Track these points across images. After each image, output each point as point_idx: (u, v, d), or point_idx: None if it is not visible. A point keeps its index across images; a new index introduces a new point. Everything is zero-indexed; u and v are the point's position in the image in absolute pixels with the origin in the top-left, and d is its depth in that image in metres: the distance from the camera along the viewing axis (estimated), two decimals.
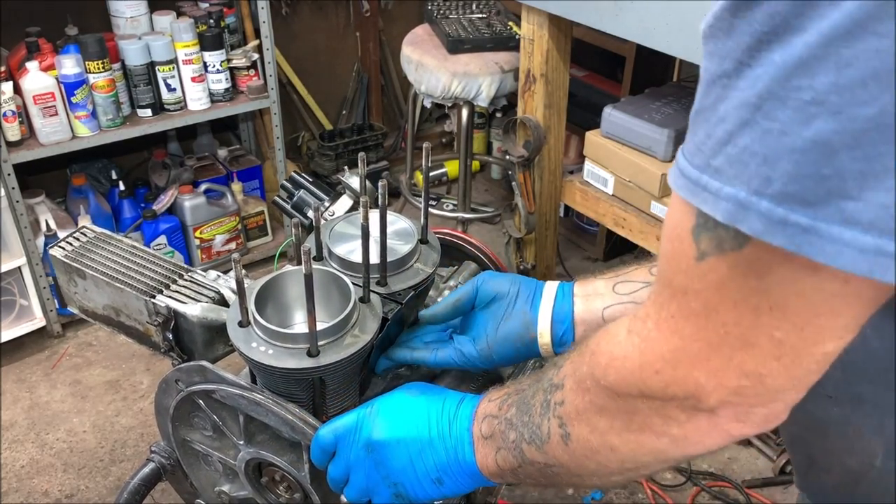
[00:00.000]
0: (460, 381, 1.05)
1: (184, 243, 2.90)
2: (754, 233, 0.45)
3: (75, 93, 2.45)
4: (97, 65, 2.47)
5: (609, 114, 2.15)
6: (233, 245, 3.01)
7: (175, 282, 1.08)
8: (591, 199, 2.27)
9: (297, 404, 0.90)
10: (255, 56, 2.82)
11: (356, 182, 1.22)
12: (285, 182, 1.24)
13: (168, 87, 2.66)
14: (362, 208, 0.88)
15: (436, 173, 3.49)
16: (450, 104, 2.64)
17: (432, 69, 2.44)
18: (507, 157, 2.40)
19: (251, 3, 2.86)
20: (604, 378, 0.62)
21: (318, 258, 1.02)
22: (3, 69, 2.41)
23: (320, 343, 0.87)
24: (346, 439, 0.86)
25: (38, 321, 2.65)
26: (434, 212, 2.84)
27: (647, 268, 0.89)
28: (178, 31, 2.62)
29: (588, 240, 3.19)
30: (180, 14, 2.73)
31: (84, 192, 2.75)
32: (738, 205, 0.45)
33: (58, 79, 2.44)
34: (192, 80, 2.68)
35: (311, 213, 1.17)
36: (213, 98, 2.76)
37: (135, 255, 1.13)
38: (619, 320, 0.63)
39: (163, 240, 2.83)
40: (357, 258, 0.98)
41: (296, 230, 0.95)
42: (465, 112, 2.55)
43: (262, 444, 0.97)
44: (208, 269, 1.12)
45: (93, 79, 2.48)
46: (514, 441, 0.74)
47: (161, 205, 2.82)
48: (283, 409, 0.89)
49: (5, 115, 2.39)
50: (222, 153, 3.18)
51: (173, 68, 2.64)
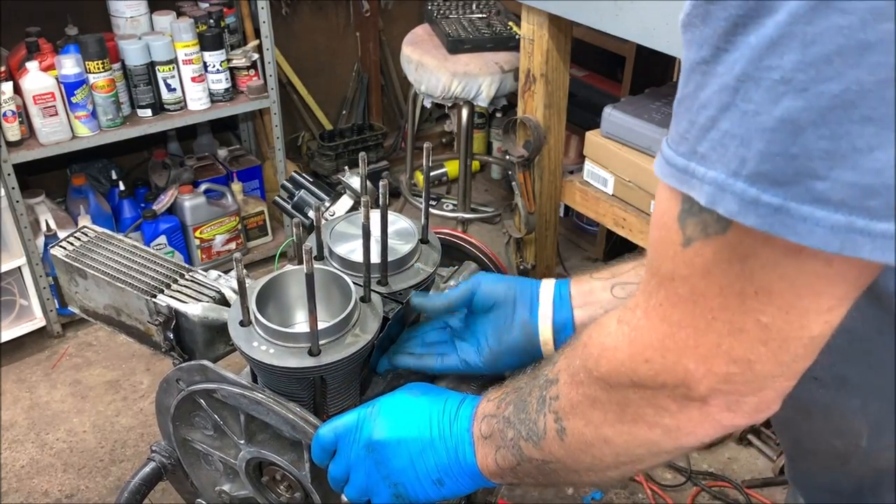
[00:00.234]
0: (461, 381, 1.05)
1: (184, 243, 2.90)
2: (730, 214, 0.45)
3: (75, 93, 2.45)
4: (97, 65, 2.47)
5: (609, 114, 2.15)
6: (233, 245, 3.01)
7: (176, 281, 1.08)
8: (591, 199, 2.27)
9: (298, 403, 0.90)
10: (255, 56, 2.82)
11: (356, 182, 1.22)
12: (286, 182, 1.24)
13: (168, 87, 2.66)
14: (363, 208, 0.88)
15: (436, 173, 3.50)
16: (450, 104, 2.64)
17: (432, 69, 2.44)
18: (507, 157, 2.40)
19: (251, 3, 2.86)
20: (596, 369, 0.63)
21: (319, 258, 1.02)
22: (3, 69, 2.41)
23: (321, 342, 0.87)
24: (346, 438, 0.86)
25: (38, 321, 2.65)
26: (434, 212, 2.84)
27: (642, 266, 0.87)
28: (178, 31, 2.62)
29: (588, 240, 3.19)
30: (180, 14, 2.73)
31: (84, 192, 2.75)
32: (717, 187, 0.46)
33: (58, 79, 2.45)
34: (192, 80, 2.68)
35: (311, 213, 1.17)
36: (213, 98, 2.76)
37: (136, 255, 1.12)
38: (611, 312, 0.64)
39: (163, 240, 2.83)
40: (358, 258, 0.98)
41: (297, 230, 0.95)
42: (465, 112, 2.55)
43: (262, 443, 0.97)
44: (209, 269, 1.12)
45: (93, 79, 2.48)
46: (513, 439, 0.74)
47: (161, 205, 2.82)
48: (284, 408, 0.89)
49: (5, 115, 2.39)
50: (222, 153, 3.18)
51: (173, 68, 2.64)
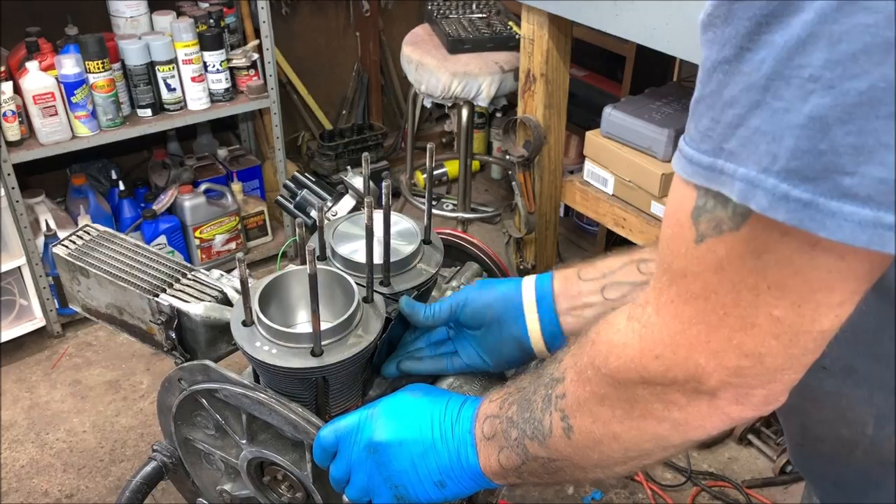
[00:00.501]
0: (463, 381, 1.05)
1: (183, 243, 2.90)
2: (761, 209, 0.46)
3: (75, 93, 2.45)
4: (97, 65, 2.47)
5: (609, 114, 2.15)
6: (233, 245, 3.01)
7: (178, 281, 1.08)
8: (591, 199, 2.27)
9: (300, 404, 0.90)
10: (255, 56, 2.82)
11: (359, 182, 1.22)
12: (288, 182, 1.24)
13: (168, 87, 2.66)
14: (367, 208, 0.88)
15: (436, 173, 3.49)
16: (450, 104, 2.64)
17: (432, 69, 2.44)
18: (507, 157, 2.40)
19: (251, 3, 2.86)
20: (605, 366, 0.63)
21: (322, 258, 1.02)
22: (3, 69, 2.41)
23: (324, 343, 0.87)
24: (347, 439, 0.86)
25: (38, 321, 2.65)
26: (434, 212, 2.83)
27: (634, 264, 0.87)
28: (178, 31, 2.62)
29: (588, 240, 3.20)
30: (180, 14, 2.73)
31: (84, 192, 2.75)
32: (748, 183, 0.46)
33: (58, 79, 2.44)
34: (192, 79, 2.68)
35: (314, 213, 1.17)
36: (213, 98, 2.76)
37: (138, 254, 1.12)
38: (620, 309, 0.64)
39: (162, 240, 2.83)
40: (360, 258, 0.98)
41: (299, 230, 0.95)
42: (465, 112, 2.55)
43: (264, 443, 0.97)
44: (212, 269, 1.12)
45: (93, 79, 2.48)
46: (517, 439, 0.74)
47: (161, 205, 2.82)
48: (286, 408, 0.89)
49: (5, 115, 2.38)
50: (222, 153, 3.18)
51: (173, 68, 2.64)
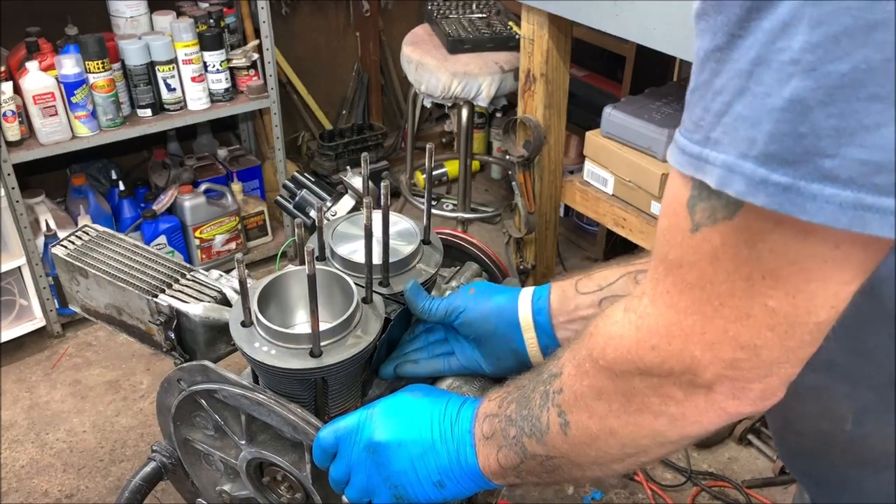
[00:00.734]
0: (462, 382, 1.05)
1: (183, 243, 2.90)
2: (738, 194, 0.46)
3: (75, 93, 2.45)
4: (97, 65, 2.47)
5: (609, 114, 2.15)
6: (233, 245, 3.01)
7: (177, 281, 1.08)
8: (591, 199, 2.27)
9: (299, 404, 0.90)
10: (255, 56, 2.82)
11: (358, 182, 1.22)
12: (287, 182, 1.24)
13: (168, 87, 2.66)
14: (366, 209, 0.88)
15: (436, 173, 3.50)
16: (450, 104, 2.64)
17: (432, 69, 2.44)
18: (507, 157, 2.40)
19: (251, 3, 2.86)
20: (602, 358, 0.63)
21: (321, 258, 1.02)
22: (3, 69, 2.41)
23: (323, 343, 0.86)
24: (347, 440, 0.86)
25: (38, 321, 2.65)
26: (434, 212, 2.83)
27: (632, 276, 0.87)
28: (177, 31, 2.62)
29: (588, 240, 3.19)
30: (180, 14, 2.73)
31: (84, 192, 2.75)
32: (726, 169, 0.46)
33: (58, 79, 2.44)
34: (192, 80, 2.68)
35: (313, 213, 1.17)
36: (213, 98, 2.76)
37: (137, 255, 1.12)
38: (618, 302, 0.64)
39: (162, 240, 2.83)
40: (360, 258, 0.98)
41: (298, 230, 0.95)
42: (465, 112, 2.55)
43: (263, 444, 0.97)
44: (211, 269, 1.12)
45: (93, 79, 2.48)
46: (515, 437, 0.74)
47: (161, 205, 2.82)
48: (286, 409, 0.89)
49: (5, 115, 2.38)
50: (222, 153, 3.18)
51: (173, 68, 2.64)
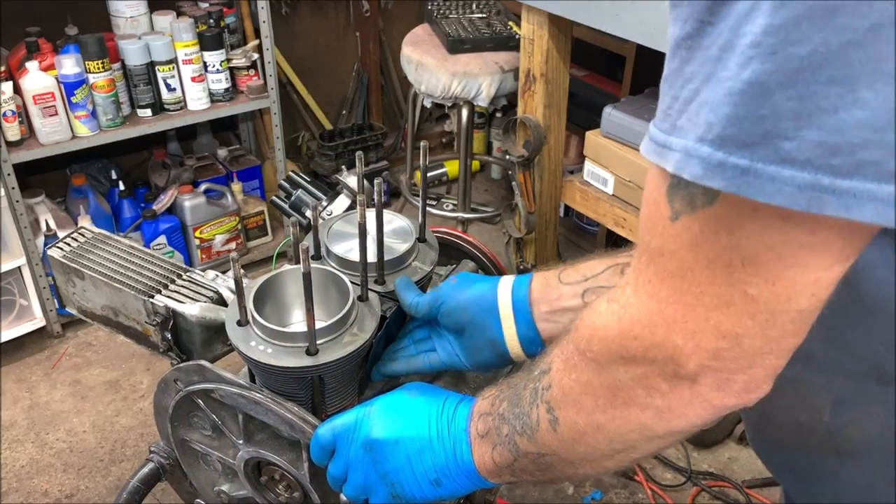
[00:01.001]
0: (458, 381, 1.05)
1: (183, 243, 2.90)
2: (695, 178, 0.46)
3: (75, 93, 2.45)
4: (97, 65, 2.47)
5: (609, 114, 2.15)
6: (233, 245, 3.01)
7: (173, 282, 1.08)
8: (591, 199, 2.27)
9: (296, 403, 0.90)
10: (255, 56, 2.82)
11: (354, 181, 1.22)
12: (283, 182, 1.24)
13: (168, 86, 2.66)
14: (360, 207, 0.88)
15: (436, 173, 3.49)
16: (450, 104, 2.64)
17: (432, 69, 2.44)
18: (507, 157, 2.40)
19: (251, 3, 2.86)
20: (588, 350, 0.63)
21: (317, 257, 1.02)
22: (3, 69, 2.41)
23: (319, 341, 0.87)
24: (344, 438, 0.86)
25: (38, 321, 2.65)
26: (434, 212, 2.84)
27: (618, 268, 0.87)
28: (177, 31, 2.62)
29: (588, 240, 3.19)
30: (180, 14, 2.73)
31: (84, 192, 2.75)
32: (684, 153, 0.47)
33: (58, 79, 2.45)
34: (192, 79, 2.68)
35: (308, 213, 1.17)
36: (213, 98, 2.76)
37: (133, 256, 1.12)
38: (602, 294, 0.64)
39: (162, 240, 2.83)
40: (355, 257, 0.98)
41: (294, 229, 0.95)
42: (465, 112, 2.55)
43: (261, 443, 0.97)
44: (207, 269, 1.12)
45: (93, 79, 2.48)
46: (508, 435, 0.74)
47: (161, 205, 2.82)
48: (283, 407, 0.89)
49: (5, 115, 2.39)
50: (222, 153, 3.18)
51: (173, 68, 2.64)
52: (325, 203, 1.18)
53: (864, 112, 0.41)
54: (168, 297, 1.05)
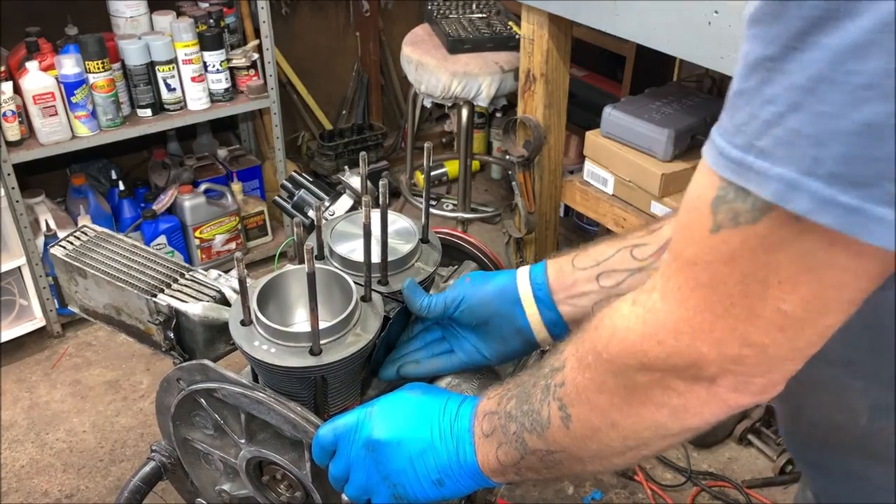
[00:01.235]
0: (462, 380, 1.05)
1: (183, 243, 2.90)
2: (803, 212, 0.46)
3: (75, 93, 2.45)
4: (97, 65, 2.47)
5: (609, 114, 2.15)
6: (233, 245, 3.01)
7: (176, 281, 1.08)
8: (591, 199, 2.27)
9: (298, 403, 0.90)
10: (255, 56, 2.82)
11: (356, 182, 1.22)
12: (286, 182, 1.24)
13: (168, 86, 2.66)
14: (364, 207, 0.88)
15: (436, 173, 3.49)
16: (450, 104, 2.64)
17: (432, 69, 2.44)
18: (507, 157, 2.40)
19: (251, 3, 2.86)
20: (606, 351, 0.63)
21: (320, 257, 1.02)
22: (3, 69, 2.41)
23: (322, 342, 0.87)
24: (346, 438, 0.86)
25: (38, 321, 2.65)
26: (434, 212, 2.84)
27: (628, 250, 0.87)
28: (177, 31, 2.62)
29: (588, 240, 3.17)
30: (180, 14, 2.73)
31: (84, 192, 2.75)
32: (787, 185, 0.46)
33: (58, 79, 2.44)
34: (192, 79, 2.68)
35: (311, 213, 1.17)
36: (213, 98, 2.76)
37: (136, 255, 1.12)
38: (626, 295, 0.64)
39: (162, 240, 2.83)
40: (358, 257, 0.98)
41: (297, 229, 0.95)
42: (465, 112, 2.55)
43: (263, 442, 0.97)
44: (209, 269, 1.12)
45: (93, 79, 2.48)
46: (515, 432, 0.74)
47: (161, 205, 2.82)
48: (285, 407, 0.89)
49: (5, 115, 2.38)
50: (222, 153, 3.18)
51: (173, 68, 2.64)
52: (327, 203, 1.18)
53: None
54: (171, 296, 1.05)
